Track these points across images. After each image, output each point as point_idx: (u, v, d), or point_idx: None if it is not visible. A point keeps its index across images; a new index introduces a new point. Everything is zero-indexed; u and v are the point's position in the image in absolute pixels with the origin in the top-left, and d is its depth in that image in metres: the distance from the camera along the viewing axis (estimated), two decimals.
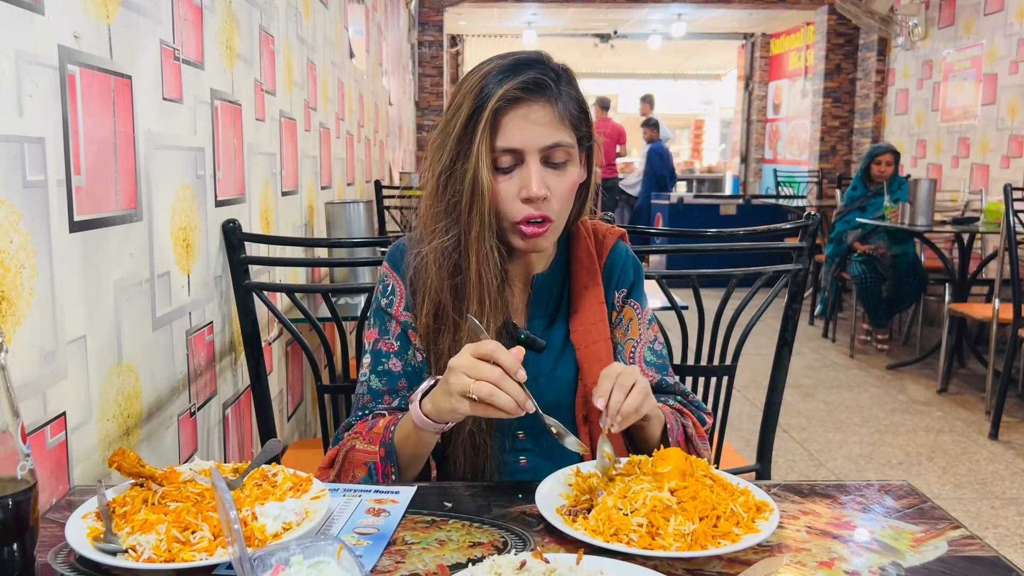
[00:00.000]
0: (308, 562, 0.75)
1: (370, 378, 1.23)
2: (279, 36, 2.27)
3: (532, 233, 1.14)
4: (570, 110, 1.14)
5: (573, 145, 1.15)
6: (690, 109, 14.95)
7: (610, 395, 1.02)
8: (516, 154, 1.12)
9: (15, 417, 0.77)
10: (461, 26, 10.22)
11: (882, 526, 0.97)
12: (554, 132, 1.12)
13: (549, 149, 1.12)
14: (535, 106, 1.11)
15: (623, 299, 1.31)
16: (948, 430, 3.89)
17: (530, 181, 1.11)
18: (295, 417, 2.48)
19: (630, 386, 1.03)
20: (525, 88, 1.10)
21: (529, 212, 1.13)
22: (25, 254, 1.00)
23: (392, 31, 5.86)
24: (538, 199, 1.12)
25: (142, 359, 1.33)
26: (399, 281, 1.24)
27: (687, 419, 1.25)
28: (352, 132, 3.73)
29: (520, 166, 1.13)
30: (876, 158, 5.20)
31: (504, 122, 1.11)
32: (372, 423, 1.18)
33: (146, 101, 1.35)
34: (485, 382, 0.97)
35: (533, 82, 1.11)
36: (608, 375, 1.05)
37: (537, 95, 1.11)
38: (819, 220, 1.87)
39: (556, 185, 1.14)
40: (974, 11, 6.12)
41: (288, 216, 2.37)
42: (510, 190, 1.13)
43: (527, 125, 1.11)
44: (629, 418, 1.03)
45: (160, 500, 0.92)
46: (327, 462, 1.19)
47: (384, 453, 1.12)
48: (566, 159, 1.14)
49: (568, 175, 1.15)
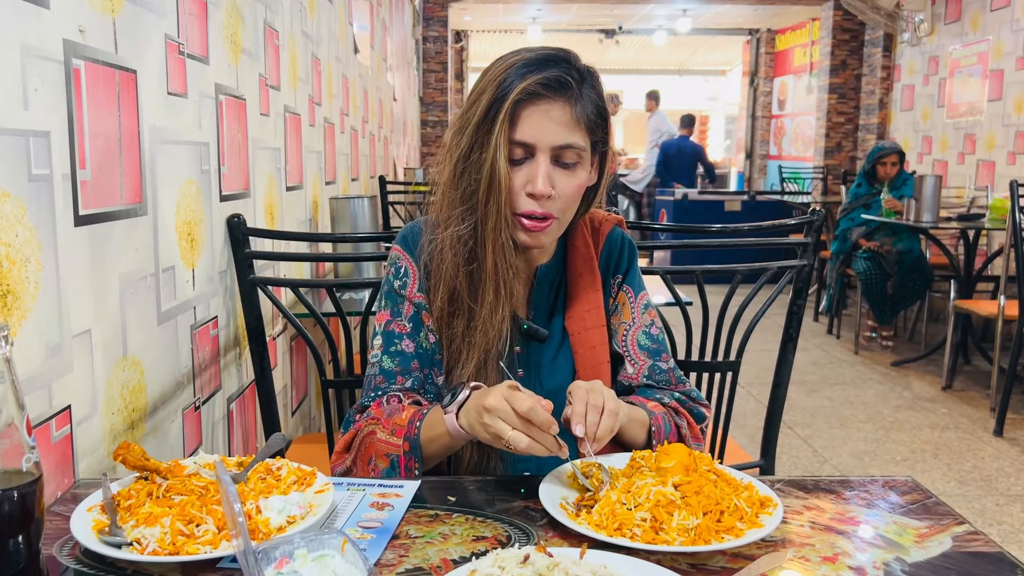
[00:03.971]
0: (312, 555, 0.75)
1: (382, 359, 1.24)
2: (284, 31, 2.27)
3: (533, 227, 1.15)
4: (588, 113, 1.14)
5: (586, 148, 1.15)
6: (695, 105, 14.89)
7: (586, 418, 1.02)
8: (528, 148, 1.12)
9: (20, 410, 0.77)
10: (466, 21, 10.21)
11: (886, 522, 0.96)
12: (568, 133, 1.12)
13: (561, 149, 1.12)
14: (555, 104, 1.11)
15: (618, 285, 1.31)
16: (953, 427, 3.89)
17: (536, 177, 1.12)
18: (299, 412, 2.48)
19: (601, 405, 1.03)
20: (547, 85, 1.10)
21: (532, 208, 1.14)
22: (30, 248, 1.00)
23: (396, 26, 5.85)
24: (542, 196, 1.12)
25: (147, 353, 1.34)
26: (412, 263, 1.25)
27: (682, 418, 1.24)
28: (356, 128, 3.73)
29: (530, 160, 1.13)
30: (881, 159, 5.14)
31: (522, 115, 1.11)
32: (390, 409, 1.18)
33: (151, 95, 1.35)
34: (522, 434, 0.97)
35: (556, 80, 1.11)
36: (578, 396, 1.04)
37: (558, 93, 1.11)
38: (824, 216, 1.87)
39: (563, 185, 1.14)
40: (980, 6, 6.10)
41: (292, 211, 2.37)
42: (517, 182, 1.13)
43: (543, 122, 1.11)
44: (604, 440, 1.03)
45: (165, 493, 0.93)
46: (343, 447, 1.19)
47: (409, 447, 1.12)
48: (576, 161, 1.15)
49: (576, 176, 1.15)
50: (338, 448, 1.20)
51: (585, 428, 1.01)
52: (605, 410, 1.03)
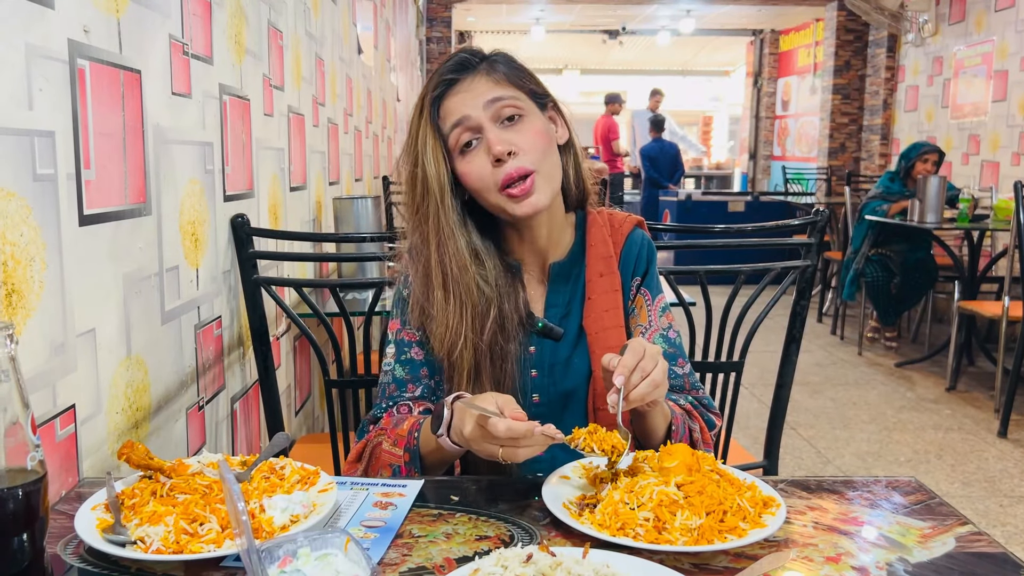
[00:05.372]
0: (315, 554, 0.76)
1: (395, 367, 1.26)
2: (287, 31, 2.28)
3: (519, 193, 1.14)
4: (505, 74, 1.18)
5: (520, 97, 1.17)
6: (699, 105, 14.91)
7: (631, 376, 1.02)
8: (467, 125, 1.15)
9: (25, 408, 0.77)
10: (470, 22, 10.21)
11: (889, 522, 0.96)
12: (490, 90, 1.16)
13: (493, 104, 1.15)
14: (466, 80, 1.17)
15: (637, 288, 1.31)
16: (957, 428, 3.88)
17: (490, 142, 1.13)
18: (303, 412, 2.49)
19: (648, 372, 1.03)
20: (453, 69, 1.17)
21: (506, 174, 1.14)
22: (35, 247, 1.00)
23: (400, 27, 5.85)
24: (501, 155, 1.13)
25: (151, 352, 1.34)
26: None
27: (695, 422, 1.24)
28: (360, 128, 3.73)
29: (479, 138, 1.15)
30: (923, 156, 5.01)
31: (444, 104, 1.17)
32: (397, 419, 1.20)
33: (155, 95, 1.35)
34: (513, 449, 0.98)
35: (459, 63, 1.18)
36: (633, 351, 1.04)
37: (467, 71, 1.18)
38: (828, 216, 1.87)
39: (519, 138, 1.15)
40: (985, 7, 6.08)
41: (296, 211, 2.37)
42: (480, 163, 1.15)
43: (463, 96, 1.16)
44: (632, 403, 1.03)
45: (169, 492, 0.93)
46: (355, 456, 1.21)
47: (409, 458, 1.14)
48: (518, 111, 1.16)
49: (528, 124, 1.17)
50: (350, 458, 1.22)
51: (624, 382, 1.01)
52: (649, 378, 1.03)
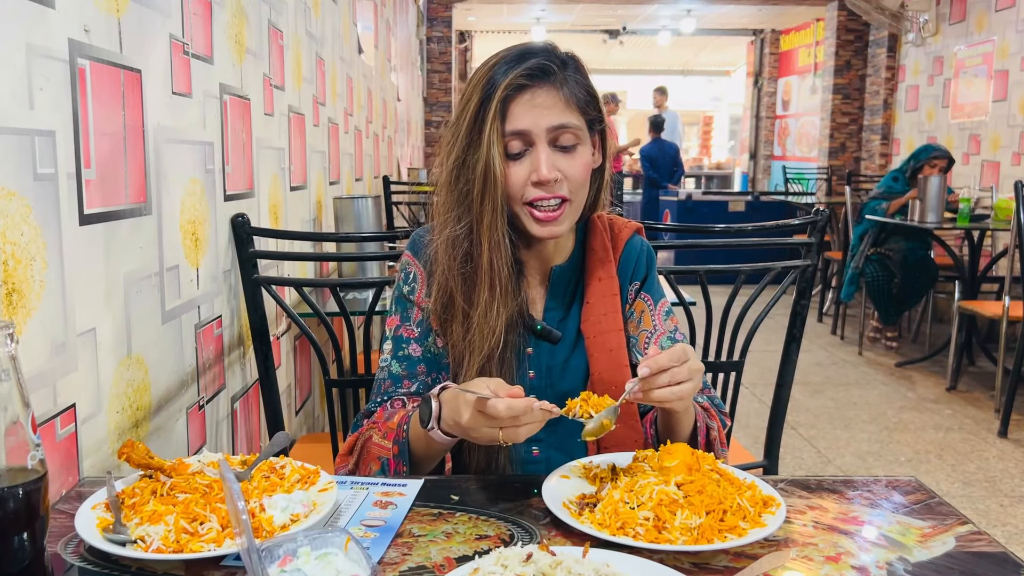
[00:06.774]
0: (316, 553, 0.76)
1: (391, 363, 1.25)
2: (288, 31, 2.28)
3: (546, 218, 1.15)
4: (576, 94, 1.15)
5: (581, 127, 1.16)
6: (699, 105, 14.91)
7: (658, 375, 1.01)
8: (524, 138, 1.13)
9: (25, 408, 0.77)
10: (470, 22, 10.21)
11: (889, 522, 0.96)
12: (560, 114, 1.13)
13: (556, 130, 1.13)
14: (540, 91, 1.13)
15: (635, 292, 1.31)
16: (957, 428, 3.88)
17: (539, 164, 1.12)
18: (303, 411, 2.49)
19: (678, 383, 1.01)
20: (530, 75, 1.12)
21: (539, 194, 1.14)
22: (36, 247, 1.00)
23: (401, 27, 5.85)
24: (548, 181, 1.13)
25: (151, 352, 1.34)
26: (420, 268, 1.26)
27: (712, 421, 1.23)
28: (360, 127, 3.73)
29: (530, 151, 1.14)
30: (932, 160, 4.96)
31: (512, 108, 1.12)
32: (389, 413, 1.19)
33: (156, 95, 1.36)
34: (512, 429, 0.98)
35: (537, 68, 1.13)
36: (674, 355, 1.02)
37: (542, 80, 1.13)
38: (828, 216, 1.87)
39: (568, 167, 1.14)
40: (985, 7, 6.08)
41: (297, 211, 2.37)
42: (520, 175, 1.14)
43: (533, 109, 1.12)
44: (649, 402, 1.02)
45: (169, 491, 0.93)
46: (347, 449, 1.21)
47: (397, 451, 1.13)
48: (575, 141, 1.15)
49: (579, 156, 1.16)
50: (342, 451, 1.22)
51: (648, 373, 1.00)
52: (676, 387, 1.01)
